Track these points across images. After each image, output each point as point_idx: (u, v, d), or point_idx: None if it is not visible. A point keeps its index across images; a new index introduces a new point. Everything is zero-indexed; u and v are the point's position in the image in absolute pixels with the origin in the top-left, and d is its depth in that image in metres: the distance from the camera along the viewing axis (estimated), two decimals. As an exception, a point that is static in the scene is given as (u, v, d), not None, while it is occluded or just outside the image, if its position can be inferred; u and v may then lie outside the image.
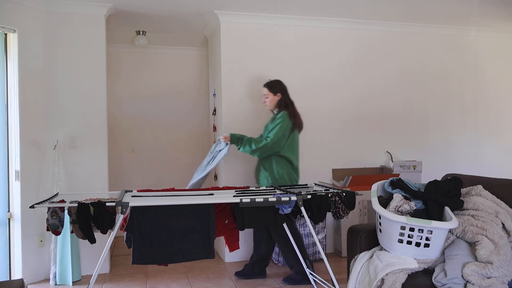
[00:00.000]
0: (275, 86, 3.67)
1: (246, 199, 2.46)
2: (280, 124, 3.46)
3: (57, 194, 2.74)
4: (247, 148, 3.48)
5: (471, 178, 2.76)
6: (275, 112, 3.68)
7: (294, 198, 2.54)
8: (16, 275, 3.57)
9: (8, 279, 3.52)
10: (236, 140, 3.54)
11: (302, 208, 2.56)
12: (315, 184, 3.38)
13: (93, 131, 3.89)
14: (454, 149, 4.90)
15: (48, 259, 3.71)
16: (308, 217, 2.68)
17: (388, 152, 4.65)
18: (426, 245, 2.26)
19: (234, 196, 2.59)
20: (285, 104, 3.62)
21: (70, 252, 3.58)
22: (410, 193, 2.49)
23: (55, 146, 3.76)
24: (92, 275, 3.52)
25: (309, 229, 4.07)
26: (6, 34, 3.57)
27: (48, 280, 3.68)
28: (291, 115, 3.55)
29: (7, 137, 3.58)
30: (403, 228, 2.27)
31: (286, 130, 3.47)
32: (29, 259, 3.62)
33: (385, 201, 2.56)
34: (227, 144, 3.54)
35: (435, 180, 2.61)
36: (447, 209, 2.40)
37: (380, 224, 2.42)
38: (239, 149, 3.56)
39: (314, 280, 3.17)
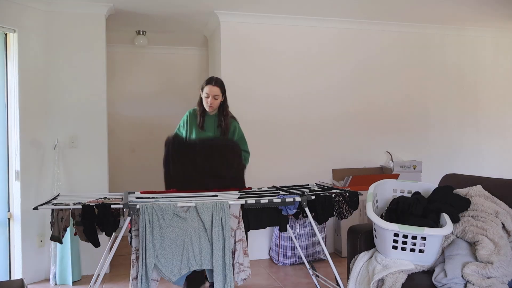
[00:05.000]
0: (224, 87, 3.11)
1: (251, 201, 2.45)
2: (242, 135, 3.17)
3: (58, 195, 2.73)
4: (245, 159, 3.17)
5: (471, 178, 2.76)
6: (211, 114, 3.12)
7: (298, 199, 2.54)
8: (16, 275, 3.57)
9: (8, 279, 3.52)
10: None
11: (307, 209, 2.56)
12: (316, 184, 3.38)
13: (93, 131, 3.89)
14: (454, 149, 4.90)
15: (48, 259, 3.71)
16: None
17: (388, 152, 4.65)
18: (421, 251, 2.26)
19: (238, 197, 2.58)
20: (226, 107, 3.12)
21: (70, 252, 3.58)
22: (409, 222, 2.33)
23: (55, 146, 3.76)
24: (92, 275, 3.52)
25: (310, 229, 4.07)
26: (6, 34, 3.57)
27: (48, 280, 3.68)
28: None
29: (7, 137, 3.58)
30: (396, 235, 2.27)
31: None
32: (29, 259, 3.62)
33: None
34: None
35: (444, 190, 2.56)
36: (443, 214, 2.39)
37: (375, 230, 2.42)
38: None
39: (317, 280, 3.16)
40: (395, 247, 2.29)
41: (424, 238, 2.23)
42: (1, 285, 2.21)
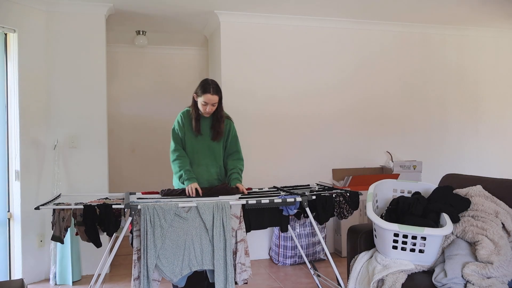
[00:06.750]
0: (221, 91, 2.90)
1: (252, 201, 2.46)
2: (236, 135, 3.02)
3: (59, 195, 2.73)
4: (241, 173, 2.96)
5: (471, 178, 2.76)
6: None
7: (299, 199, 2.54)
8: (16, 275, 3.57)
9: (8, 279, 3.52)
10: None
11: (307, 209, 2.56)
12: (316, 184, 3.38)
13: (93, 131, 3.89)
14: (454, 149, 4.90)
15: (48, 259, 3.71)
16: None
17: (388, 152, 4.66)
18: (421, 251, 2.26)
19: (239, 198, 2.59)
20: (221, 110, 2.94)
21: (70, 252, 3.58)
22: (409, 222, 2.33)
23: (55, 146, 3.76)
24: (92, 275, 3.52)
25: (310, 229, 4.07)
26: (6, 34, 3.57)
27: (48, 280, 3.68)
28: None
29: (7, 137, 3.58)
30: (396, 235, 2.27)
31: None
32: (29, 259, 3.62)
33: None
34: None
35: (444, 190, 2.57)
36: (443, 214, 2.39)
37: (375, 230, 2.42)
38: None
39: (319, 280, 3.16)
40: (395, 247, 2.29)
41: (424, 238, 2.23)
42: (1, 285, 2.20)
